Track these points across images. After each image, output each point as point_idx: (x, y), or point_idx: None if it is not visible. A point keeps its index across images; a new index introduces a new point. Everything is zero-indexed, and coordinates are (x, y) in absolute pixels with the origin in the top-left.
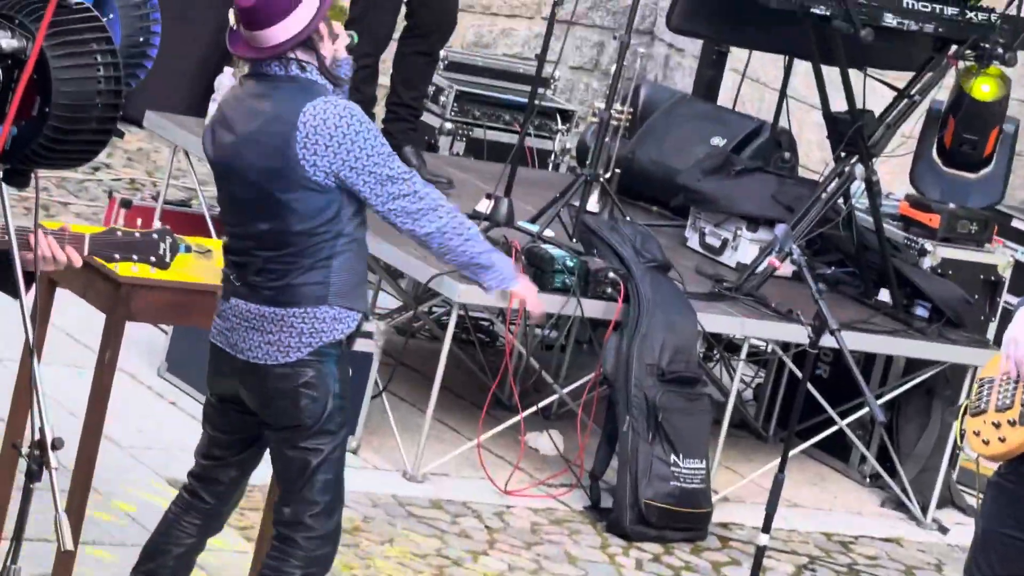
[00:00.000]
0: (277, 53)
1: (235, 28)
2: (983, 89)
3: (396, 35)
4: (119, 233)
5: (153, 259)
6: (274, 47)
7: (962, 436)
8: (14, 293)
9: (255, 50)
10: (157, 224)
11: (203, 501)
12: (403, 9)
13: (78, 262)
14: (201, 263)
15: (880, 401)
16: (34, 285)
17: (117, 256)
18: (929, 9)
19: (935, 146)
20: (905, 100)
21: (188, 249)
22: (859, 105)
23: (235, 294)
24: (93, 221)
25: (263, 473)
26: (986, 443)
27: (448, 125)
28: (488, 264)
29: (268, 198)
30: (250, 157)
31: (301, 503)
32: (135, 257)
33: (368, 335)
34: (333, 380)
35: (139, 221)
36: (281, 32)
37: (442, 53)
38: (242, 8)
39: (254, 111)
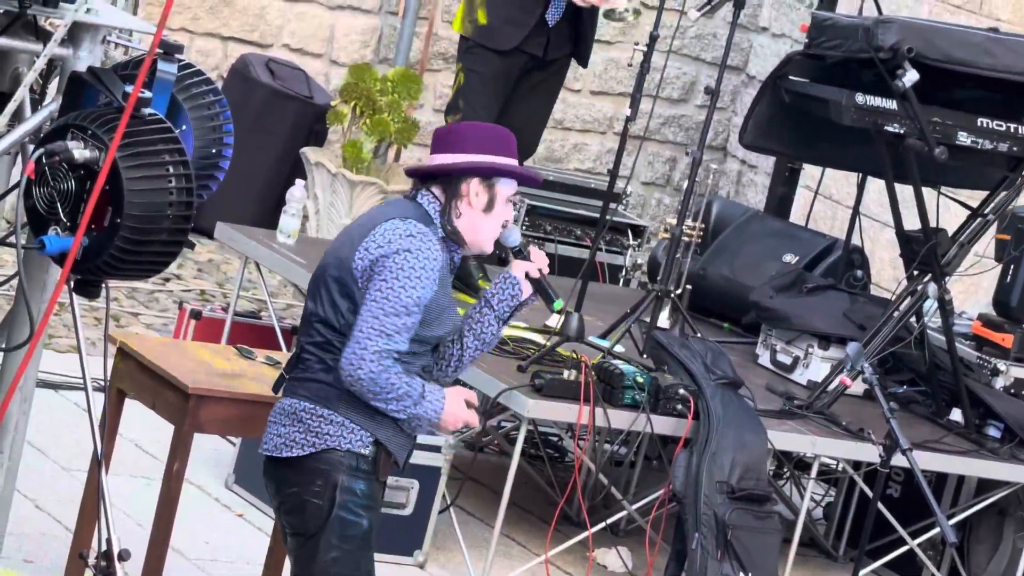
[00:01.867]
0: (419, 174)
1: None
2: None
3: None
4: None
5: None
6: (418, 168)
7: None
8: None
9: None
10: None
11: None
12: None
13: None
14: (270, 375)
15: (951, 522)
16: (103, 396)
17: None
18: (1004, 128)
19: None
20: (979, 219)
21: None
22: (932, 223)
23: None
24: (163, 332)
25: None
26: None
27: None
28: (412, 416)
29: (321, 278)
30: (337, 241)
31: None
32: None
33: (436, 449)
34: (343, 492)
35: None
36: (438, 159)
37: None
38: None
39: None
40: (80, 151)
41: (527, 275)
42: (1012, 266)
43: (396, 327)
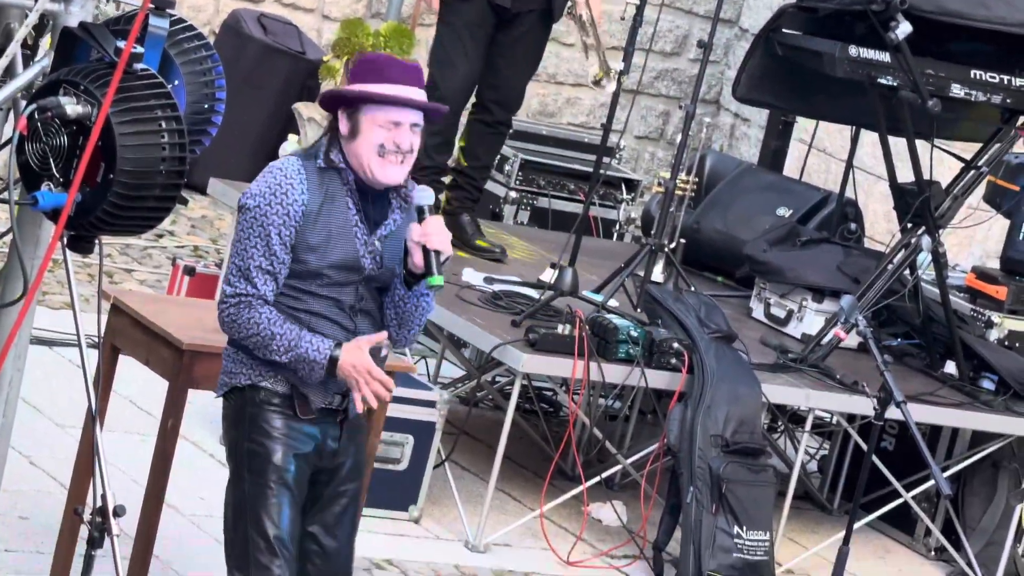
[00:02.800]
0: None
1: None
2: None
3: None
4: None
5: None
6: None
7: None
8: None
9: None
10: None
11: None
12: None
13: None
14: None
15: (946, 474)
16: (97, 352)
17: None
18: (997, 80)
19: None
20: (972, 171)
21: None
22: (926, 176)
23: None
24: (157, 288)
25: None
26: None
27: (512, 194)
28: (294, 359)
29: None
30: None
31: None
32: None
33: (431, 404)
34: (251, 424)
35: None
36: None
37: None
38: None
39: None
40: (73, 107)
41: (414, 240)
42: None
43: (249, 271)
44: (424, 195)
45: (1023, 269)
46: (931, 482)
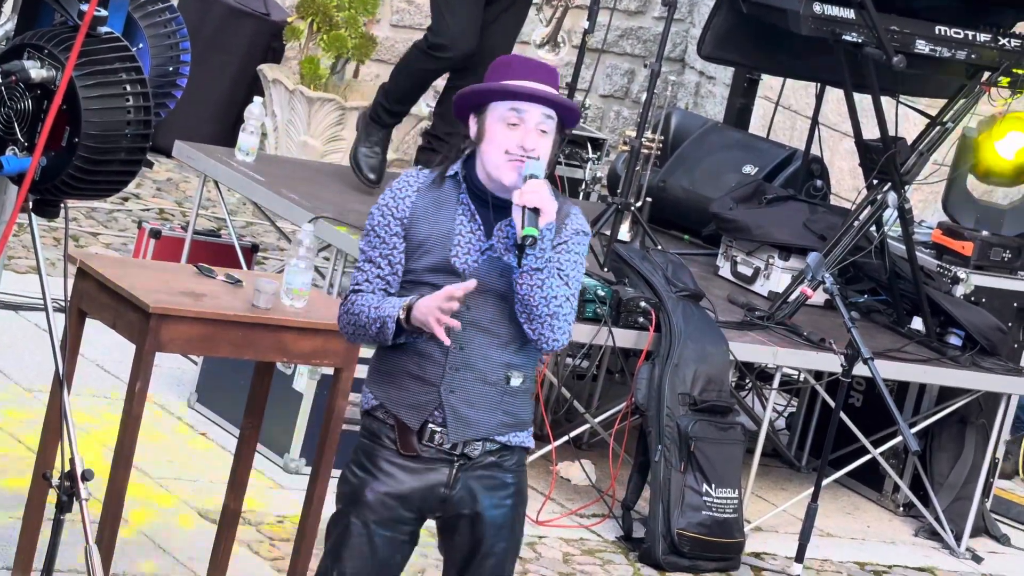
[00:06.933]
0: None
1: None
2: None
3: None
4: None
5: None
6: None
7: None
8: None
9: None
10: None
11: None
12: None
13: None
14: (230, 294)
15: (913, 430)
16: (64, 316)
17: None
18: (962, 36)
19: (968, 174)
20: (938, 127)
21: None
22: (891, 132)
23: None
24: (123, 252)
25: (295, 505)
26: None
27: None
28: (376, 319)
29: None
30: None
31: None
32: None
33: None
34: (354, 451)
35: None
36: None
37: None
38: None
39: None
40: (36, 70)
41: (516, 205)
42: None
43: (359, 276)
44: (531, 165)
45: None
46: (899, 438)
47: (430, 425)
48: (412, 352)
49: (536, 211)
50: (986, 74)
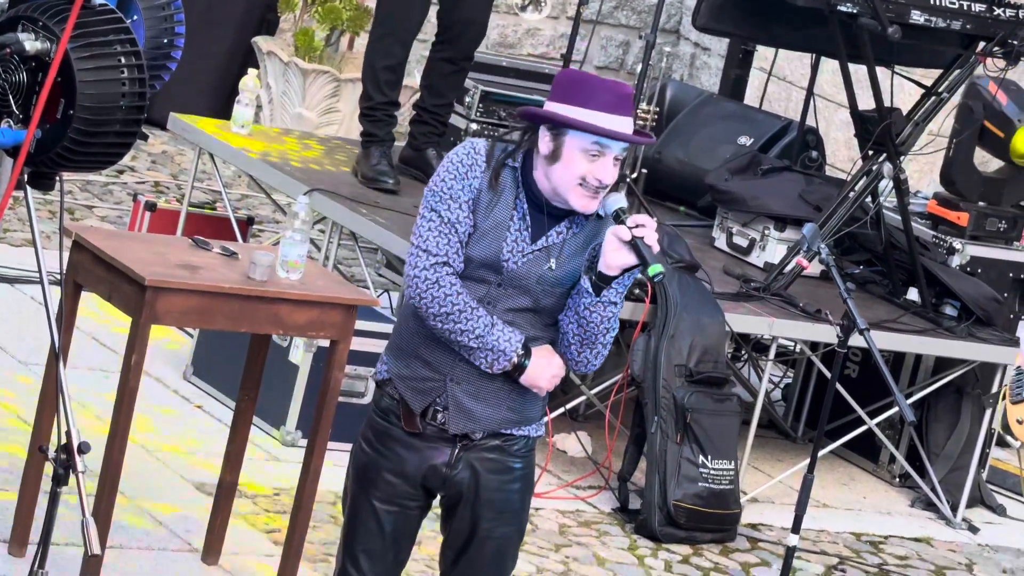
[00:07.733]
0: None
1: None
2: None
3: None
4: None
5: None
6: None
7: (1005, 427)
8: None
9: None
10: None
11: None
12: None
13: None
14: (226, 266)
15: (909, 401)
16: (59, 289)
17: None
18: (957, 6)
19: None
20: (933, 98)
21: None
22: (887, 103)
23: None
24: (118, 225)
25: (291, 478)
26: None
27: (473, 126)
28: (486, 356)
29: None
30: None
31: None
32: None
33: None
34: (363, 425)
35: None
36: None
37: None
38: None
39: None
40: (31, 43)
41: (620, 239)
42: None
43: (440, 241)
44: (615, 199)
45: None
46: (895, 409)
47: (434, 406)
48: (426, 336)
49: (648, 247)
50: (981, 44)
